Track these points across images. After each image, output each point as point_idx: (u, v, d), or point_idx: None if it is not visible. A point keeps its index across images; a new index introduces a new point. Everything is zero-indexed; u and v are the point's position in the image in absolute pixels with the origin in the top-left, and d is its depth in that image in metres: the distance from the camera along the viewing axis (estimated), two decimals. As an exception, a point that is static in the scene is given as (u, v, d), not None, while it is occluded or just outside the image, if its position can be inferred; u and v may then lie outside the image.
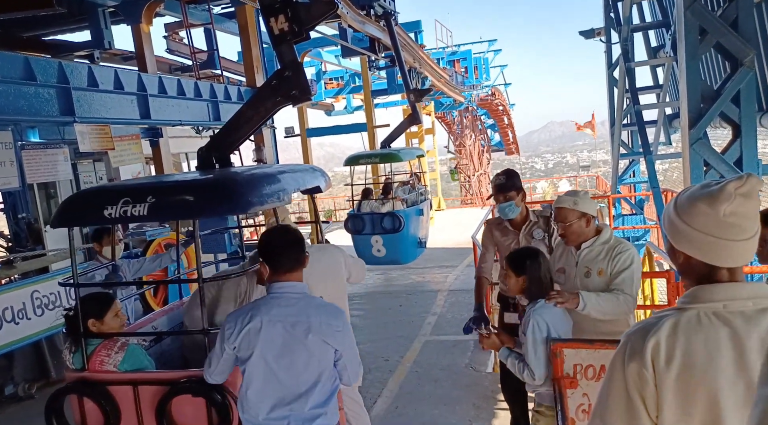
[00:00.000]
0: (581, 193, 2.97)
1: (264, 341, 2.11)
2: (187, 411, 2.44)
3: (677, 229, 1.25)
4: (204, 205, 2.38)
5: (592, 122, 19.43)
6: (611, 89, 9.62)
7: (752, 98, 4.16)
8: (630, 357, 1.19)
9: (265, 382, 2.14)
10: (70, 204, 2.64)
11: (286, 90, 3.00)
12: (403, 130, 10.48)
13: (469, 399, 4.52)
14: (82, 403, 2.50)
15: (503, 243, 3.41)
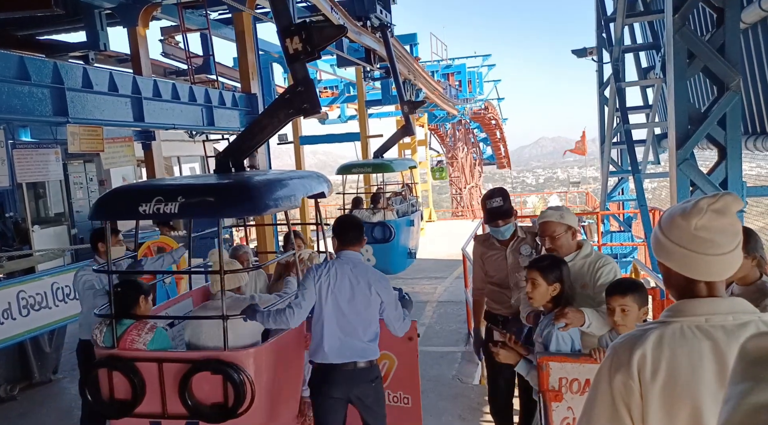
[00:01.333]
0: (563, 207, 3.07)
1: (338, 288, 2.93)
2: (205, 387, 2.80)
3: (659, 242, 1.30)
4: (227, 206, 2.81)
5: (582, 140, 19.67)
6: (602, 108, 9.77)
7: (738, 121, 4.26)
8: (616, 369, 1.21)
9: (337, 320, 2.93)
10: (107, 200, 3.04)
11: (298, 103, 3.37)
12: (396, 141, 10.55)
13: (455, 410, 4.53)
14: (111, 377, 2.84)
15: (490, 259, 3.39)
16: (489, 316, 3.51)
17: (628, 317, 2.44)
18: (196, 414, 2.81)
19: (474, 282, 3.60)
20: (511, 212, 3.29)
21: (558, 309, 2.60)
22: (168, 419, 2.87)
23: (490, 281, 3.42)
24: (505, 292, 3.35)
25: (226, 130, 8.12)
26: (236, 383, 2.73)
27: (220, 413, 2.78)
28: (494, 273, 3.39)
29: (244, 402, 2.74)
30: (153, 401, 2.84)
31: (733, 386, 0.69)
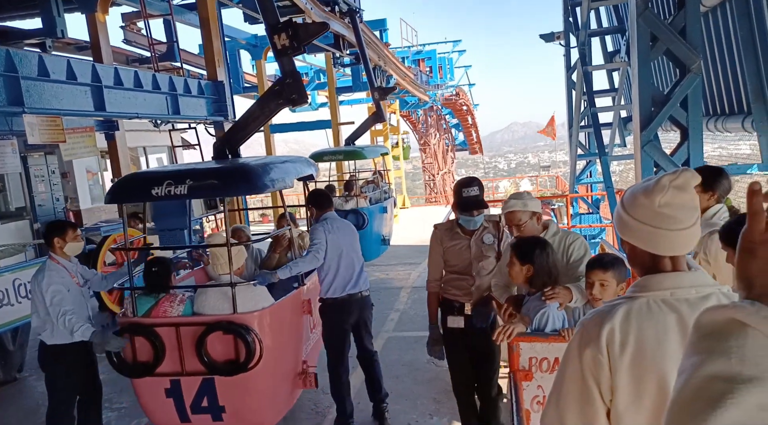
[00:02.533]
0: (525, 194, 3.08)
1: (340, 237, 3.83)
2: (218, 347, 3.22)
3: (623, 221, 1.32)
4: (229, 186, 3.25)
5: (552, 124, 19.93)
6: (570, 92, 9.89)
7: (699, 103, 4.36)
8: (585, 344, 1.24)
9: (345, 261, 3.83)
10: (122, 184, 3.44)
11: (287, 94, 3.71)
12: (367, 128, 10.51)
13: (429, 394, 4.58)
14: (134, 341, 3.26)
15: (452, 249, 3.35)
16: (445, 303, 3.47)
17: (606, 291, 2.49)
18: (212, 370, 3.22)
19: (432, 273, 3.49)
20: (485, 203, 3.30)
21: (548, 289, 2.66)
22: (186, 376, 3.28)
23: (451, 270, 3.40)
24: (466, 279, 3.35)
25: (193, 119, 7.94)
26: (246, 341, 3.16)
27: (232, 368, 3.20)
28: (456, 262, 3.36)
29: (253, 357, 3.18)
30: (172, 361, 3.26)
31: (687, 358, 0.71)
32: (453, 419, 3.98)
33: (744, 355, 0.61)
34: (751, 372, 0.60)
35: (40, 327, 3.48)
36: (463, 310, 3.36)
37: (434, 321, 3.54)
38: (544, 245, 2.78)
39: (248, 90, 14.41)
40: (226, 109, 8.34)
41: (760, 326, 0.62)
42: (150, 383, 3.33)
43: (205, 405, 3.33)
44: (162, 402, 3.34)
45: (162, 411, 3.40)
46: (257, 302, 3.39)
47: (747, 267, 0.70)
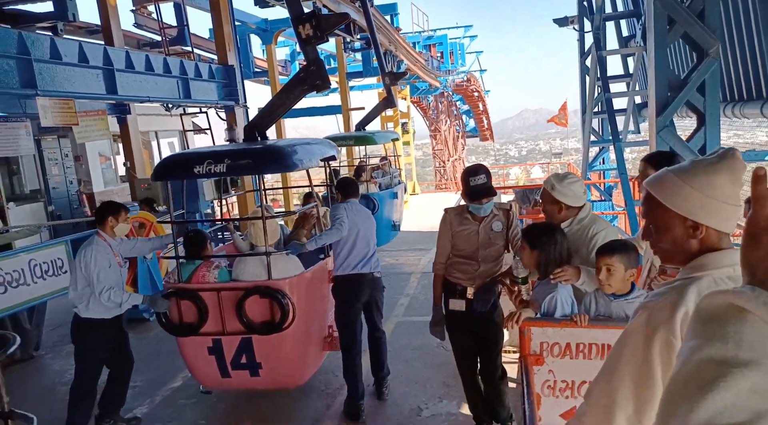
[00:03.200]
0: (567, 180, 2.93)
1: (358, 219, 4.04)
2: (255, 309, 3.61)
3: (697, 203, 1.24)
4: (263, 165, 3.62)
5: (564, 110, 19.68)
6: (583, 77, 9.75)
7: (716, 88, 4.27)
8: (655, 328, 1.20)
9: (361, 242, 4.01)
10: (166, 164, 3.78)
11: (312, 81, 4.01)
12: (378, 113, 10.44)
13: (439, 377, 4.60)
14: (180, 304, 3.67)
15: (461, 234, 3.35)
16: (447, 285, 3.48)
17: (613, 277, 2.47)
18: (250, 329, 3.61)
19: (439, 256, 3.50)
20: (493, 190, 3.28)
21: (559, 269, 2.66)
22: (227, 335, 3.67)
23: (457, 254, 3.41)
24: (471, 264, 3.36)
25: (204, 103, 7.95)
26: (281, 304, 3.56)
27: (268, 328, 3.61)
28: (463, 246, 3.36)
29: (287, 318, 3.57)
30: (214, 322, 3.65)
31: (685, 343, 0.71)
32: (462, 402, 4.00)
33: (741, 340, 0.61)
34: (747, 356, 0.60)
35: (76, 300, 3.65)
36: (465, 294, 3.38)
37: (438, 302, 3.56)
38: (552, 232, 2.76)
39: (258, 75, 14.37)
40: (237, 93, 8.34)
41: (759, 312, 0.62)
42: (194, 342, 3.75)
43: (244, 361, 3.75)
44: (205, 359, 3.78)
45: (205, 368, 3.84)
46: (290, 270, 3.79)
47: (750, 253, 0.70)
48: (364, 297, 4.09)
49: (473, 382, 3.58)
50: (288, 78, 16.05)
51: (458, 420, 3.91)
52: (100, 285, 3.56)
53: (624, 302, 2.54)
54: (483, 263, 3.33)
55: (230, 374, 3.80)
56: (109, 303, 3.60)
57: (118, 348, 3.85)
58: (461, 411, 3.98)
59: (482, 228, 3.32)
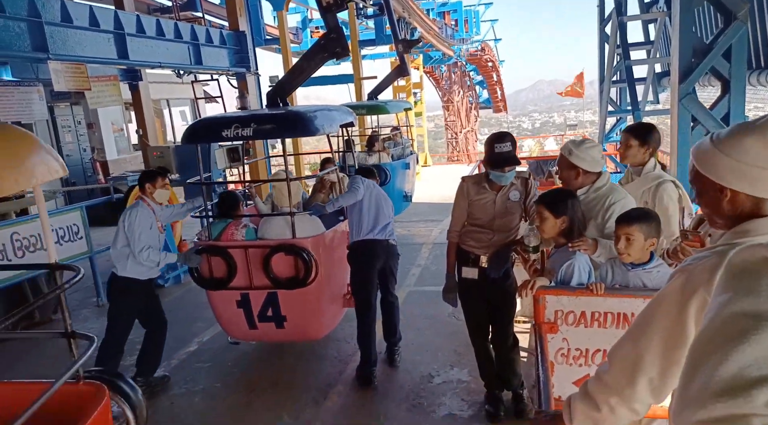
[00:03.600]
0: (585, 145, 2.89)
1: (374, 190, 4.13)
2: (281, 266, 3.88)
3: (725, 167, 1.23)
4: (286, 129, 3.92)
5: (580, 80, 19.24)
6: (602, 45, 9.47)
7: (743, 53, 4.10)
8: (694, 290, 1.18)
9: (376, 210, 4.03)
10: (196, 127, 4.03)
11: (332, 48, 4.19)
12: (390, 82, 10.30)
13: (450, 346, 4.63)
14: (210, 260, 3.96)
15: (478, 202, 3.32)
16: (461, 253, 3.46)
17: (632, 246, 2.43)
18: (276, 284, 3.88)
19: (454, 224, 3.47)
20: (517, 159, 3.22)
21: (577, 240, 2.64)
22: (254, 290, 3.94)
23: (473, 222, 3.38)
24: (486, 233, 3.34)
25: (215, 70, 7.87)
26: (305, 260, 3.82)
27: (293, 283, 3.87)
28: (480, 215, 3.33)
29: (310, 274, 3.84)
30: (242, 277, 3.92)
31: (715, 298, 0.71)
32: (472, 370, 4.02)
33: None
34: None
35: (115, 259, 3.90)
36: (478, 262, 3.36)
37: (452, 270, 3.55)
38: (574, 196, 2.74)
39: (270, 42, 14.17)
40: (248, 60, 8.24)
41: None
42: (223, 296, 4.03)
43: (270, 314, 4.02)
44: (233, 312, 4.05)
45: (233, 320, 4.11)
46: (312, 229, 4.07)
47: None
48: (379, 263, 4.13)
49: (485, 350, 3.60)
50: (299, 46, 15.85)
51: (469, 387, 3.94)
52: (140, 244, 3.76)
53: (642, 271, 2.51)
54: (498, 232, 3.31)
55: (257, 326, 4.08)
56: (148, 262, 3.80)
57: (150, 310, 4.04)
58: (472, 380, 4.01)
59: (499, 198, 3.28)
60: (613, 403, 1.33)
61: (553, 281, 2.72)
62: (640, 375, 1.27)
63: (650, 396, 1.28)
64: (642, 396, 1.29)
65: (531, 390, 3.67)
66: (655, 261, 2.50)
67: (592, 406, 1.38)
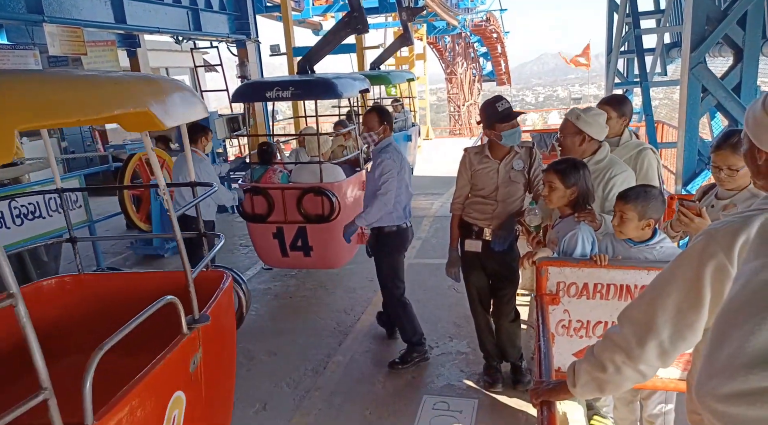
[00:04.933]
0: (592, 111, 2.86)
1: (404, 168, 3.78)
2: (310, 205, 4.76)
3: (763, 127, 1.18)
4: (317, 92, 4.79)
5: (587, 52, 18.88)
6: (611, 14, 9.23)
7: (760, 20, 3.96)
8: (712, 254, 1.16)
9: (406, 194, 3.82)
10: (244, 89, 5.00)
11: (354, 24, 5.16)
12: (393, 51, 10.11)
13: (450, 318, 4.64)
14: (252, 199, 4.86)
15: (481, 172, 3.27)
16: (464, 226, 3.43)
17: (624, 225, 2.40)
18: (306, 219, 4.75)
19: (457, 196, 3.45)
20: (516, 114, 3.15)
21: (584, 211, 2.61)
22: (287, 224, 4.81)
23: (476, 194, 3.33)
24: (489, 204, 3.29)
25: (215, 36, 7.70)
26: (330, 200, 4.69)
27: (320, 219, 4.76)
28: (483, 185, 3.29)
29: (335, 212, 4.72)
30: (278, 213, 4.82)
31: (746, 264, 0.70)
32: (471, 342, 4.03)
33: None
34: None
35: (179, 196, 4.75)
36: (482, 235, 3.33)
37: (455, 244, 3.52)
38: (584, 166, 2.68)
39: (271, 9, 13.84)
40: (249, 27, 8.06)
41: None
42: (262, 228, 4.88)
43: (299, 245, 4.87)
44: (269, 242, 4.91)
45: (269, 249, 4.98)
46: (336, 176, 4.88)
47: None
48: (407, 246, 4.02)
49: (486, 322, 3.59)
50: (300, 14, 15.50)
51: (468, 359, 3.95)
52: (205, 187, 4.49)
53: (644, 247, 2.47)
54: (501, 203, 3.26)
55: (288, 254, 4.92)
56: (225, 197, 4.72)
57: None
58: (471, 351, 4.02)
59: (502, 167, 3.23)
60: (620, 362, 1.32)
61: (555, 251, 2.69)
62: (651, 337, 1.26)
63: (658, 360, 1.28)
64: (650, 358, 1.28)
65: (530, 362, 3.67)
66: (658, 237, 2.46)
67: (597, 366, 1.37)
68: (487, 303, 3.56)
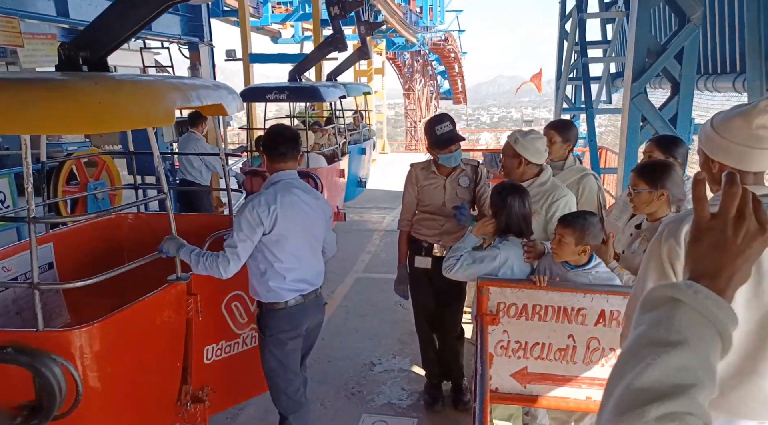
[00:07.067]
0: (531, 136, 2.90)
1: (297, 215, 2.61)
2: None
3: (715, 143, 1.51)
4: (308, 97, 6.74)
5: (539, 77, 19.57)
6: (561, 42, 9.59)
7: (694, 56, 4.20)
8: (666, 239, 1.45)
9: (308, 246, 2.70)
10: (247, 92, 6.62)
11: (336, 44, 7.16)
12: (351, 64, 10.08)
13: (394, 334, 4.59)
14: (252, 180, 5.69)
15: (428, 188, 3.27)
16: (413, 242, 3.41)
17: (561, 248, 2.47)
18: None
19: (404, 213, 3.41)
20: (460, 135, 3.18)
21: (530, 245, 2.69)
22: None
23: (424, 209, 3.33)
24: (437, 220, 3.29)
25: (165, 37, 7.46)
26: (316, 182, 5.46)
27: None
28: (430, 201, 3.28)
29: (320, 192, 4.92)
30: None
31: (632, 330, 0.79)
32: (414, 360, 4.00)
33: (671, 325, 0.70)
34: (675, 338, 0.68)
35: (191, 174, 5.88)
36: (431, 251, 3.31)
37: (403, 261, 3.49)
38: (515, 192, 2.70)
39: (228, 14, 13.63)
40: (202, 29, 7.87)
41: (690, 301, 0.72)
42: None
43: None
44: None
45: None
46: (320, 163, 6.18)
47: (693, 250, 0.80)
48: (307, 323, 2.76)
49: (430, 340, 3.56)
50: (258, 20, 15.32)
51: (410, 377, 3.91)
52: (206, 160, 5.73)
53: (581, 271, 2.52)
54: (449, 219, 3.26)
55: None
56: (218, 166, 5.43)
57: None
58: (413, 369, 3.98)
59: (449, 183, 3.24)
60: None
61: None
62: None
63: None
64: None
65: (470, 381, 3.67)
66: (593, 262, 2.51)
67: None
68: (432, 320, 3.54)
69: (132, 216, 3.62)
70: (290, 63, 15.37)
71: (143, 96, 2.16)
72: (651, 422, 0.59)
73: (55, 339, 2.08)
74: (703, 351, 0.68)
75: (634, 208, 2.54)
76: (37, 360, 1.98)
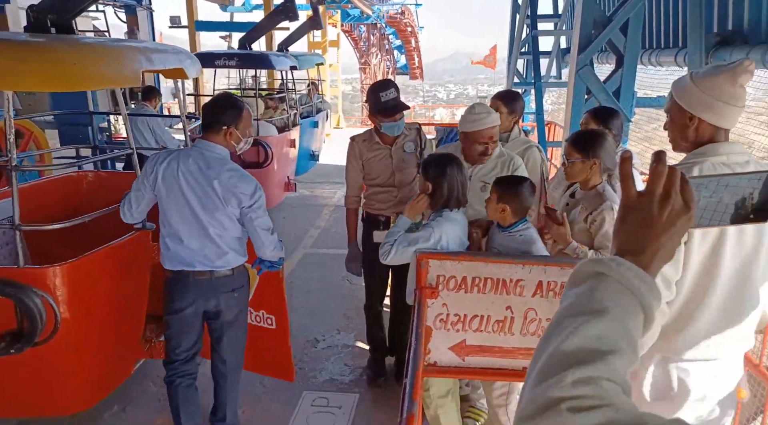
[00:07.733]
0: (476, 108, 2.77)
1: (182, 184, 2.50)
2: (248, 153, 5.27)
3: (697, 98, 1.54)
4: (256, 63, 7.04)
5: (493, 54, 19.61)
6: (514, 15, 9.55)
7: (638, 28, 4.21)
8: None
9: (185, 221, 2.49)
10: (200, 57, 5.22)
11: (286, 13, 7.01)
12: (302, 34, 9.74)
13: (340, 310, 4.52)
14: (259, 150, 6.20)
15: (373, 160, 3.15)
16: (369, 218, 3.30)
17: (488, 204, 2.52)
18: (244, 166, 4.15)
19: (350, 189, 3.28)
20: (404, 104, 3.07)
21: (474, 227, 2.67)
22: None
23: (373, 183, 3.21)
24: (389, 191, 3.19)
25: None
26: (266, 150, 6.13)
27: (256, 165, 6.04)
28: (377, 174, 3.17)
29: (269, 160, 6.22)
30: None
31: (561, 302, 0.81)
32: (359, 336, 3.94)
33: (593, 296, 0.72)
34: (597, 308, 0.70)
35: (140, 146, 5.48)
36: (389, 224, 3.21)
37: (353, 239, 3.38)
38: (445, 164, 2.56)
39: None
40: (140, -8, 7.38)
41: (612, 274, 0.73)
42: None
43: None
44: None
45: None
46: (270, 132, 6.33)
47: (619, 227, 0.81)
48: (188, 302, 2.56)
49: (378, 315, 3.49)
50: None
51: (353, 352, 3.86)
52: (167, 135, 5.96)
53: (506, 234, 2.53)
54: (401, 188, 3.16)
55: None
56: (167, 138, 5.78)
57: None
58: (357, 344, 3.93)
59: (395, 151, 3.13)
60: None
61: None
62: None
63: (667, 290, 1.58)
64: None
65: (413, 355, 3.65)
66: (521, 226, 2.49)
67: None
68: (383, 295, 3.47)
69: (92, 174, 3.87)
70: (239, 32, 14.82)
71: (114, 58, 2.39)
72: (568, 386, 0.61)
73: (34, 275, 2.37)
74: (624, 321, 0.69)
75: (567, 176, 2.53)
76: (21, 292, 2.29)
